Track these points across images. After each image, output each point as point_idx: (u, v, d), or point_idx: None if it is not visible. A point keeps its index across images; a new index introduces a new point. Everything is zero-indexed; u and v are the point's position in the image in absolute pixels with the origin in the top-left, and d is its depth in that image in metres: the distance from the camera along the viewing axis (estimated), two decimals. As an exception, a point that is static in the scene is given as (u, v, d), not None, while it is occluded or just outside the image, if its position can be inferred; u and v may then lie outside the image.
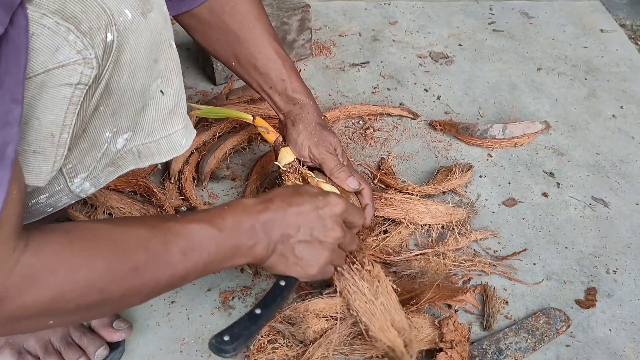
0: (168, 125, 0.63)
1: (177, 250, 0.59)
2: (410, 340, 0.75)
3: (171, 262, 0.59)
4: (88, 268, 0.52)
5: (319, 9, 1.55)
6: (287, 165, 0.85)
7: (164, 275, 0.59)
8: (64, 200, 0.62)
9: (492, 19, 1.54)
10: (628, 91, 1.30)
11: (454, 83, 1.31)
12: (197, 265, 0.61)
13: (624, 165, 1.11)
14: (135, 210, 0.94)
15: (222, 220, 0.63)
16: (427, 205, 0.95)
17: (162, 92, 0.61)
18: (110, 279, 0.54)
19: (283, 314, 0.78)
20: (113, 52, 0.53)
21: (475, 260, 0.90)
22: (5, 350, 0.75)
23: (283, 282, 0.71)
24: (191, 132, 0.67)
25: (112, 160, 0.62)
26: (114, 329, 0.78)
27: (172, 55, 0.61)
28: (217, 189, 1.03)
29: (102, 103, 0.56)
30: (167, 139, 0.64)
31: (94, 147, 0.59)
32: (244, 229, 0.64)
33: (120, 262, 0.55)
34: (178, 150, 0.65)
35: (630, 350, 0.81)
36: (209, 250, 0.61)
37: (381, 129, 1.17)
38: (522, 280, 0.89)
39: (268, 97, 0.88)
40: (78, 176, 0.60)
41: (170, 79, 0.61)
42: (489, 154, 1.13)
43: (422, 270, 0.87)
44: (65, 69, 0.49)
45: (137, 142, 0.62)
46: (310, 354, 0.74)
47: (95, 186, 0.63)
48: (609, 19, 1.55)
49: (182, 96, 0.64)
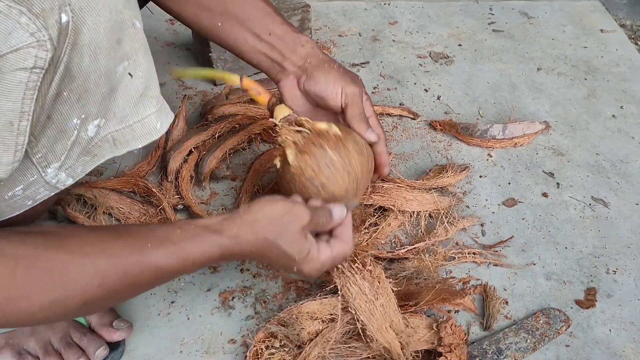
0: (140, 109, 0.61)
1: (135, 284, 0.59)
2: (406, 343, 0.75)
3: (126, 293, 0.60)
4: (29, 300, 0.52)
5: (319, 9, 1.55)
6: (283, 119, 0.79)
7: (114, 302, 0.62)
8: (42, 192, 0.60)
9: (492, 19, 1.54)
10: (628, 91, 1.30)
11: (454, 83, 1.31)
12: (156, 284, 0.63)
13: (624, 165, 1.11)
14: (134, 210, 0.94)
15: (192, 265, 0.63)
16: (414, 193, 0.96)
17: (130, 75, 0.58)
18: (54, 313, 0.54)
19: (277, 317, 0.78)
20: (69, 34, 0.50)
21: (465, 252, 0.91)
22: (5, 350, 0.75)
23: None
24: (167, 115, 0.64)
25: (86, 149, 0.59)
26: (113, 329, 0.78)
27: (136, 36, 0.58)
28: (217, 188, 1.03)
29: (65, 88, 0.53)
30: (140, 124, 0.61)
31: (63, 135, 0.57)
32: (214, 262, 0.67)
33: (67, 298, 0.54)
34: (153, 135, 0.63)
35: (630, 350, 0.81)
36: (173, 276, 0.63)
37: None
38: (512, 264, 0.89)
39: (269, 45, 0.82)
40: (51, 166, 0.58)
41: (137, 60, 0.58)
42: (489, 154, 1.13)
43: (417, 270, 0.87)
44: (19, 52, 0.47)
45: (111, 129, 0.60)
46: (307, 353, 0.74)
47: (72, 177, 0.61)
48: (609, 19, 1.55)
49: (152, 78, 0.62)
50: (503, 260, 0.92)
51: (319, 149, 0.74)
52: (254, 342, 0.76)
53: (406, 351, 0.75)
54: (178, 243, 0.62)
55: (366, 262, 0.78)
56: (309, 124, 0.77)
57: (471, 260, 0.91)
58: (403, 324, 0.76)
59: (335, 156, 0.74)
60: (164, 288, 0.87)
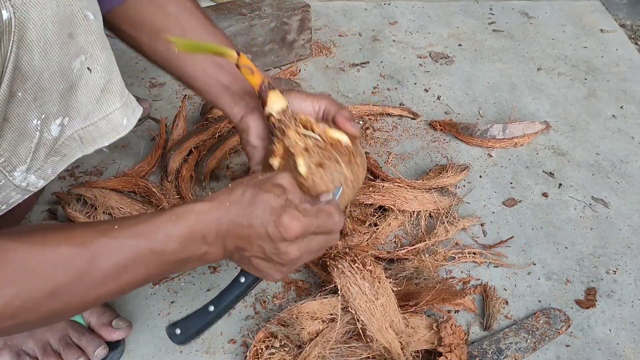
0: (104, 105, 0.58)
1: (108, 269, 0.54)
2: (407, 343, 0.75)
3: (99, 281, 0.55)
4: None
5: (319, 9, 1.55)
6: (280, 112, 0.71)
7: (92, 295, 0.55)
8: (14, 196, 0.57)
9: (492, 19, 1.54)
10: (628, 91, 1.30)
11: (454, 83, 1.31)
12: (134, 281, 0.57)
13: (624, 165, 1.11)
14: (134, 210, 0.94)
15: (166, 236, 0.57)
16: (414, 193, 0.96)
17: (89, 70, 0.55)
18: (21, 306, 0.51)
19: (277, 316, 0.77)
20: (13, 31, 0.48)
21: (465, 252, 0.91)
22: (4, 352, 0.74)
23: (243, 278, 0.68)
24: (134, 110, 0.61)
25: (52, 149, 0.57)
26: (113, 328, 0.77)
27: (90, 28, 0.54)
28: (218, 188, 1.03)
29: (19, 88, 0.51)
30: (105, 120, 0.58)
31: (24, 137, 0.54)
32: (193, 241, 0.59)
33: (31, 289, 0.51)
34: (120, 132, 0.60)
35: (630, 350, 0.81)
36: (147, 267, 0.57)
37: (381, 129, 1.17)
38: (512, 264, 0.89)
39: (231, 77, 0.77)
40: (17, 169, 0.55)
41: (95, 54, 0.55)
42: (489, 154, 1.12)
43: (417, 270, 0.87)
44: None
45: (76, 127, 0.57)
46: (307, 353, 0.74)
47: (44, 178, 0.58)
48: (609, 19, 1.55)
49: (113, 71, 0.58)
50: (503, 260, 0.92)
51: (335, 164, 0.70)
52: (254, 342, 0.76)
53: (406, 351, 0.75)
54: (148, 220, 0.58)
55: (366, 262, 0.78)
56: (319, 129, 0.72)
57: (471, 260, 0.91)
58: (403, 324, 0.76)
59: (348, 173, 0.71)
60: (164, 288, 0.87)
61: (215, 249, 0.61)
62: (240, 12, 1.26)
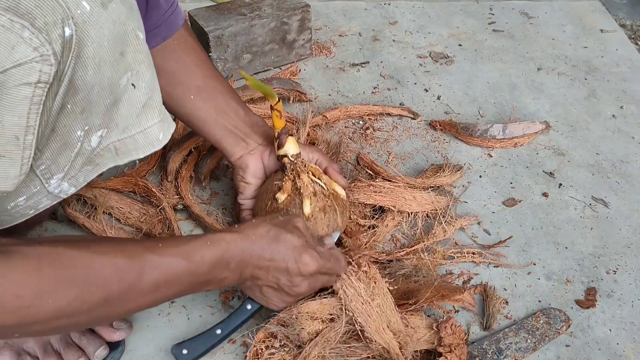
0: (143, 119, 0.61)
1: (152, 282, 0.61)
2: (405, 343, 0.75)
3: (143, 293, 0.61)
4: (56, 296, 0.53)
5: (319, 9, 1.55)
6: (295, 156, 0.83)
7: (133, 304, 0.62)
8: (45, 202, 0.61)
9: (492, 19, 1.54)
10: (628, 91, 1.30)
11: (454, 83, 1.31)
12: (167, 296, 0.64)
13: (624, 165, 1.11)
14: (134, 210, 0.94)
15: (201, 258, 0.64)
16: (413, 193, 0.96)
17: (133, 86, 0.58)
18: (78, 308, 0.55)
19: (277, 317, 0.78)
20: (73, 47, 0.50)
21: (464, 251, 0.91)
22: (5, 351, 0.75)
23: (250, 306, 0.76)
24: (169, 126, 0.65)
25: (88, 158, 0.60)
26: (113, 329, 0.77)
27: (139, 47, 0.58)
28: (218, 188, 1.03)
29: (69, 101, 0.53)
30: (143, 134, 0.62)
31: (67, 147, 0.57)
32: (219, 266, 0.67)
33: (90, 292, 0.56)
34: (155, 145, 0.64)
35: (630, 350, 0.81)
36: (181, 283, 0.64)
37: (381, 129, 1.17)
38: (512, 264, 0.89)
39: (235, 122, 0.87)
40: (54, 177, 0.58)
41: (141, 71, 0.59)
42: (489, 154, 1.12)
43: (416, 268, 0.87)
44: (22, 67, 0.47)
45: (113, 139, 0.60)
46: (307, 353, 0.74)
47: (75, 186, 0.61)
48: (609, 19, 1.55)
49: (155, 89, 0.62)
50: (503, 261, 0.92)
51: (333, 213, 0.83)
52: (254, 342, 0.76)
53: (405, 351, 0.75)
54: (187, 242, 0.65)
55: (361, 264, 0.78)
56: (325, 179, 0.84)
57: (470, 260, 0.91)
58: (402, 323, 0.76)
59: (340, 221, 0.84)
60: (164, 288, 0.87)
61: (233, 275, 0.69)
62: (240, 12, 1.26)
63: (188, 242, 0.65)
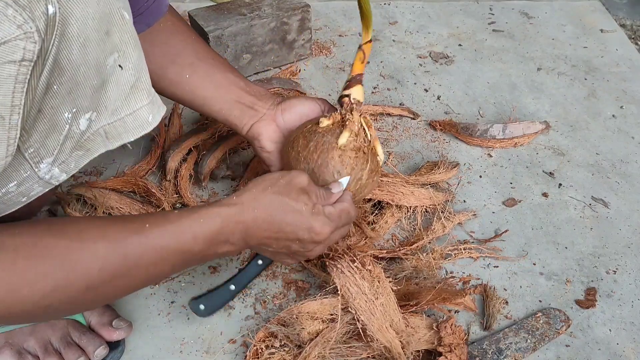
0: (132, 101, 0.60)
1: (137, 266, 0.59)
2: (407, 342, 0.75)
3: (130, 277, 0.59)
4: (31, 288, 0.52)
5: (319, 9, 1.55)
6: (357, 100, 0.79)
7: (121, 288, 0.60)
8: (36, 188, 0.60)
9: (492, 19, 1.54)
10: (628, 91, 1.30)
11: (454, 83, 1.31)
12: (159, 275, 0.62)
13: (624, 165, 1.11)
14: (134, 210, 0.94)
15: (193, 237, 0.62)
16: (411, 188, 0.96)
17: (120, 67, 0.57)
18: (57, 298, 0.54)
19: (277, 316, 0.78)
20: (57, 25, 0.49)
21: (461, 248, 0.91)
22: (5, 350, 0.75)
23: (260, 261, 0.77)
24: (159, 108, 0.64)
25: (78, 143, 0.59)
26: (113, 328, 0.77)
27: (125, 27, 0.57)
28: (218, 188, 1.03)
29: (55, 81, 0.53)
30: (132, 116, 0.61)
31: (55, 129, 0.56)
32: (216, 242, 0.64)
33: (69, 282, 0.55)
34: (145, 128, 0.62)
35: (630, 350, 0.81)
36: (174, 263, 0.62)
37: (381, 129, 1.17)
38: (512, 264, 0.89)
39: (241, 92, 0.85)
40: (43, 161, 0.57)
41: (127, 52, 0.58)
42: (489, 154, 1.13)
43: (416, 269, 0.87)
44: (7, 45, 0.46)
45: (103, 122, 0.59)
46: (307, 353, 0.74)
47: (66, 172, 0.60)
48: (609, 19, 1.55)
49: (143, 70, 0.61)
50: (502, 261, 0.92)
51: (363, 162, 0.77)
52: (254, 342, 0.76)
53: (407, 350, 0.75)
54: (176, 220, 0.62)
55: (365, 262, 0.78)
56: (373, 133, 0.80)
57: (467, 256, 0.91)
58: (403, 324, 0.76)
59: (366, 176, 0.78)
60: (164, 288, 0.87)
61: (236, 247, 0.67)
62: (240, 12, 1.26)
63: (177, 220, 0.62)
